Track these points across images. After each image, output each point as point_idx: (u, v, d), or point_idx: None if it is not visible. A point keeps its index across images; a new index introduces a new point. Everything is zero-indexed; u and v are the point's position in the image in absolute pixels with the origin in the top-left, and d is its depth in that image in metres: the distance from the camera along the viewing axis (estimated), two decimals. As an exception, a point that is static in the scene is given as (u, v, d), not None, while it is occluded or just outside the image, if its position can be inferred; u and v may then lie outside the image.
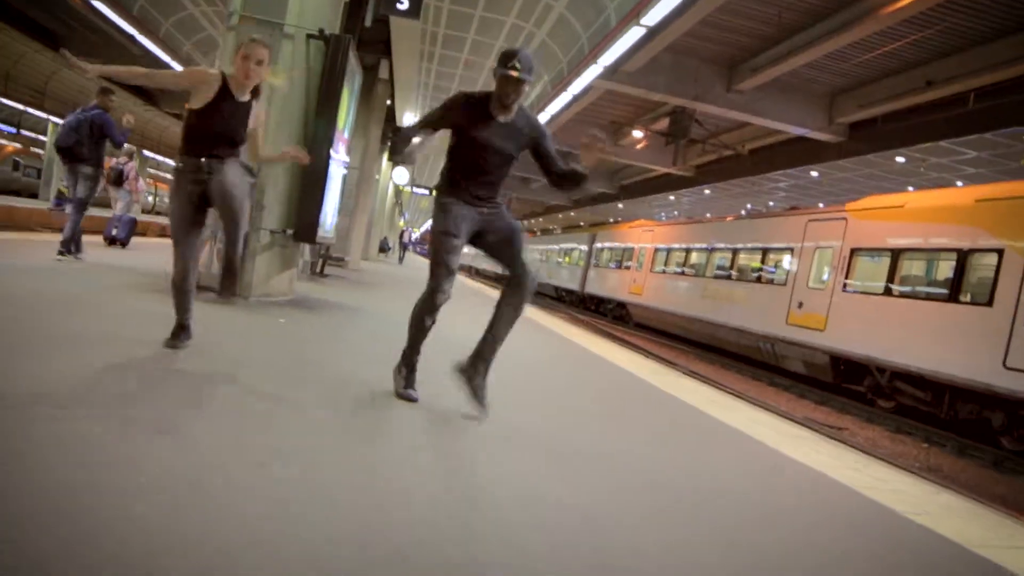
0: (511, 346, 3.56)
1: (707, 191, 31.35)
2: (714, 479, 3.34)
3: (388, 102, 18.33)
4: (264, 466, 2.29)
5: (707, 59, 16.95)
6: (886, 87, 16.39)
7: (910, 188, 21.90)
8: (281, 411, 3.06)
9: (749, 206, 34.16)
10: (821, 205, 24.27)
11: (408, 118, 20.61)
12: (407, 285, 14.50)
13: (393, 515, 2.10)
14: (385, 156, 22.36)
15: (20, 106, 27.57)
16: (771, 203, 32.18)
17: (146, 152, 34.54)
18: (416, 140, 3.44)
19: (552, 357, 7.35)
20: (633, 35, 10.30)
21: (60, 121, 27.56)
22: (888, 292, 11.95)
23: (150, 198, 35.28)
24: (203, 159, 3.47)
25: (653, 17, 9.22)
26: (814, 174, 24.88)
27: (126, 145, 8.54)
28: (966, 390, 10.22)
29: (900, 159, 20.75)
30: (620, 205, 38.76)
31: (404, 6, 8.67)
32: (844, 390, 13.07)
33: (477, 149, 3.38)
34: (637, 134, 23.04)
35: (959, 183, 21.06)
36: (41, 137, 30.70)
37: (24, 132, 31.36)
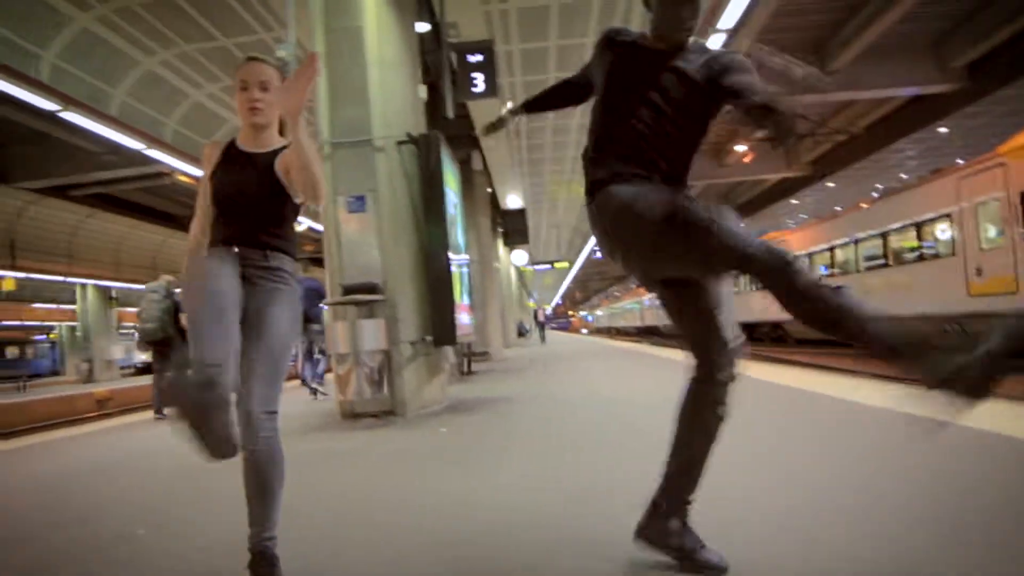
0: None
1: (830, 184, 29.54)
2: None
3: (488, 190, 18.73)
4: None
5: (791, 49, 16.20)
6: (995, 13, 14.98)
7: (1061, 109, 19.62)
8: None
9: (879, 186, 31.85)
10: (960, 162, 22.21)
11: (513, 199, 20.87)
12: (556, 363, 14.26)
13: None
14: (500, 242, 22.70)
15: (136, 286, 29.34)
16: (902, 175, 29.84)
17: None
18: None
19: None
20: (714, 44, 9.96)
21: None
22: (1084, 226, 10.44)
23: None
24: (235, 247, 2.22)
25: (727, 21, 8.87)
26: (942, 130, 22.89)
27: None
28: None
29: (1039, 80, 18.70)
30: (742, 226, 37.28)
31: (480, 88, 8.73)
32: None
33: (641, 99, 2.05)
34: (741, 148, 22.29)
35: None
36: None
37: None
